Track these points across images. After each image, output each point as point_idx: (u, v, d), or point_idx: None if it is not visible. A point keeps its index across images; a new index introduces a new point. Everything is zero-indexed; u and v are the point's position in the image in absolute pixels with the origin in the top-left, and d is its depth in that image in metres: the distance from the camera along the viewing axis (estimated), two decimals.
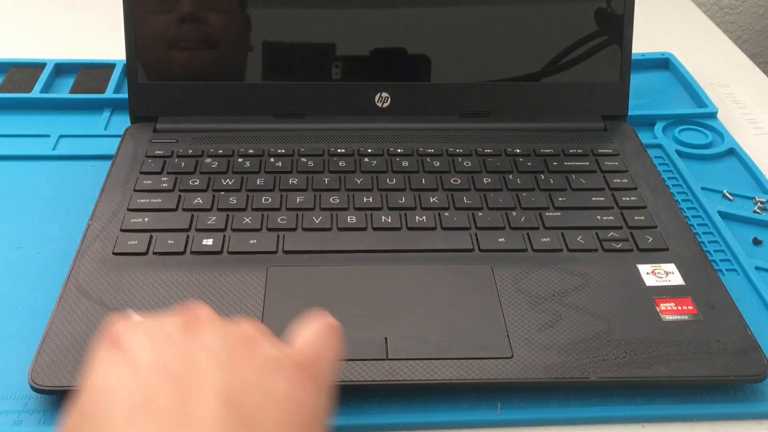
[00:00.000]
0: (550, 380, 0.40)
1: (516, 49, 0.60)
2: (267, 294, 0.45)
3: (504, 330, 0.43)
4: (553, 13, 0.59)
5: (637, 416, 0.41)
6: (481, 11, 0.59)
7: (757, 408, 0.41)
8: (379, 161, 0.56)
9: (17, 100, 0.65)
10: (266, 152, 0.56)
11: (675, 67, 0.73)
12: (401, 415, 0.40)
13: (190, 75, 0.59)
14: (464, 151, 0.57)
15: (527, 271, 0.47)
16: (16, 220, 0.53)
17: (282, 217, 0.50)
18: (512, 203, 0.52)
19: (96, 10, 0.83)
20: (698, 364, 0.41)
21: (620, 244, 0.49)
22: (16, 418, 0.39)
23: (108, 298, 0.44)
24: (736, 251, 0.51)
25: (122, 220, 0.50)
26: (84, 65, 0.70)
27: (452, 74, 0.60)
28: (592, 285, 0.46)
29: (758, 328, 0.44)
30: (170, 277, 0.45)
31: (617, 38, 0.60)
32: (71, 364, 0.40)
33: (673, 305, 0.45)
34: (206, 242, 0.48)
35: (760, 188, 0.58)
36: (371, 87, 0.59)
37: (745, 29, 1.18)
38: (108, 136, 0.61)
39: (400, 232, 0.50)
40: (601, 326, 0.43)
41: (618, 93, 0.61)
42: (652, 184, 0.55)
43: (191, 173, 0.54)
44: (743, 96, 0.71)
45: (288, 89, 0.59)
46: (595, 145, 0.58)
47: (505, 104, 0.60)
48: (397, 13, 0.59)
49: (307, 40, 0.59)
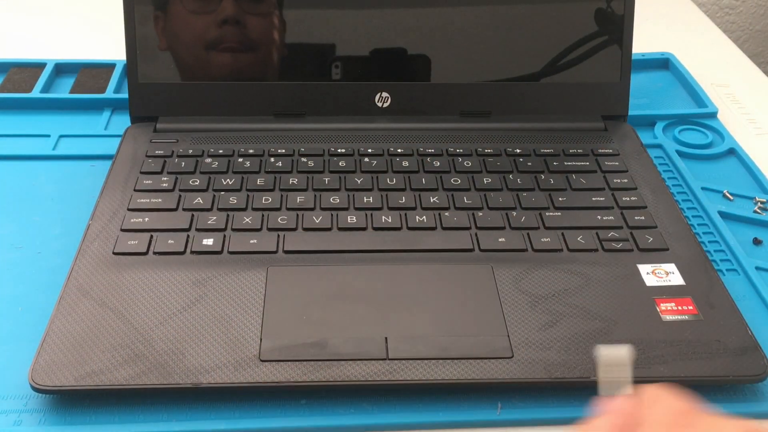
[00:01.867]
0: (550, 380, 0.40)
1: (516, 49, 0.60)
2: (267, 294, 0.45)
3: (504, 330, 0.43)
4: (553, 13, 0.59)
5: None
6: (481, 11, 0.59)
7: (757, 408, 0.41)
8: (380, 161, 0.56)
9: (17, 100, 0.65)
10: (266, 152, 0.56)
11: (675, 67, 0.73)
12: (401, 415, 0.40)
13: (191, 75, 0.59)
14: (464, 151, 0.57)
15: (527, 271, 0.47)
16: (16, 220, 0.53)
17: (282, 217, 0.50)
18: (512, 203, 0.52)
19: (96, 10, 0.83)
20: (698, 364, 0.41)
21: (620, 244, 0.49)
22: (17, 418, 0.39)
23: (108, 298, 0.44)
24: (736, 251, 0.51)
25: (122, 220, 0.50)
26: (84, 65, 0.70)
27: (452, 74, 0.60)
28: (593, 285, 0.46)
29: (758, 328, 0.44)
30: (170, 277, 0.45)
31: (617, 38, 0.60)
32: (71, 364, 0.40)
33: (673, 305, 0.45)
34: (206, 242, 0.48)
35: (760, 188, 0.58)
36: (371, 87, 0.59)
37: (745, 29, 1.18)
38: (108, 136, 0.61)
39: (401, 232, 0.50)
40: (602, 326, 0.43)
41: (618, 93, 0.61)
42: (652, 184, 0.55)
43: (191, 173, 0.54)
44: (743, 96, 0.71)
45: (288, 89, 0.59)
46: (596, 145, 0.58)
47: (505, 104, 0.60)
48: (397, 13, 0.59)
49: (307, 40, 0.59)
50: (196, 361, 0.40)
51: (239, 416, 0.40)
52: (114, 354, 0.41)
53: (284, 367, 0.40)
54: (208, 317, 0.43)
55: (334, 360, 0.40)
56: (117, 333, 0.42)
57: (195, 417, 0.40)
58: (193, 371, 0.40)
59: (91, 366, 0.40)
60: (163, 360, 0.40)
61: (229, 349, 0.41)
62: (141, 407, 0.40)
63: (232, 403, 0.40)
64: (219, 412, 0.40)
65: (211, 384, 0.39)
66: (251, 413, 0.40)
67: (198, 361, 0.40)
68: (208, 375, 0.40)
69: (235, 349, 0.41)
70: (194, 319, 0.43)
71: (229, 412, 0.40)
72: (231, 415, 0.40)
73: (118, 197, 0.52)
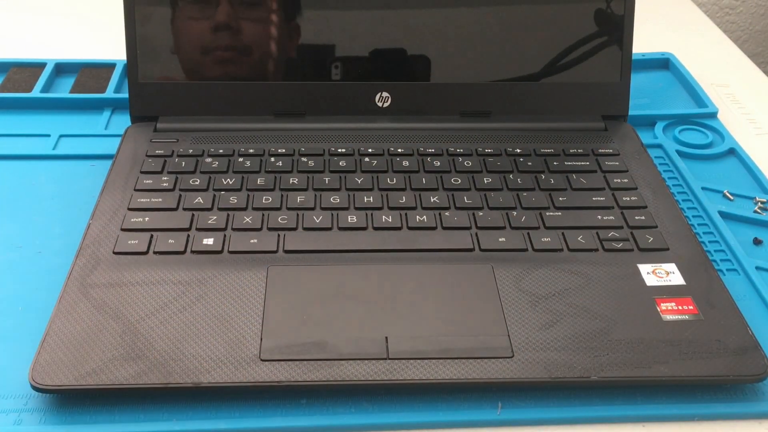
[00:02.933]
0: (550, 380, 0.40)
1: (516, 49, 0.60)
2: (267, 294, 0.45)
3: (504, 330, 0.43)
4: (553, 13, 0.59)
5: (637, 416, 0.41)
6: (481, 11, 0.59)
7: (757, 408, 0.41)
8: (380, 161, 0.56)
9: (17, 99, 0.65)
10: (266, 152, 0.57)
11: (675, 67, 0.73)
12: (401, 415, 0.40)
13: (191, 75, 0.59)
14: (464, 151, 0.57)
15: (528, 270, 0.47)
16: (16, 219, 0.53)
17: (282, 217, 0.50)
18: (513, 203, 0.52)
19: (96, 10, 0.83)
20: (698, 364, 0.41)
21: (621, 244, 0.49)
22: (17, 418, 0.39)
23: (108, 298, 0.44)
24: (736, 251, 0.51)
25: (123, 220, 0.50)
26: (84, 65, 0.70)
27: (452, 74, 0.60)
28: (593, 285, 0.46)
29: (758, 328, 0.44)
30: (171, 277, 0.45)
31: (617, 38, 0.60)
32: (72, 364, 0.40)
33: (673, 305, 0.45)
34: (207, 242, 0.48)
35: (760, 188, 0.58)
36: (372, 87, 0.59)
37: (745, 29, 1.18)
38: (108, 136, 0.61)
39: (401, 231, 0.50)
40: (602, 326, 0.43)
41: (618, 93, 0.61)
42: (652, 184, 0.55)
43: (192, 173, 0.54)
44: (743, 96, 0.71)
45: (288, 89, 0.59)
46: (596, 145, 0.58)
47: (506, 104, 0.60)
48: (397, 13, 0.59)
49: (308, 39, 0.59)
50: (196, 360, 0.40)
51: (239, 416, 0.40)
52: (114, 353, 0.41)
53: (284, 367, 0.40)
54: (209, 317, 0.43)
55: (335, 359, 0.40)
56: (117, 332, 0.42)
57: (195, 416, 0.40)
58: (194, 371, 0.40)
59: (91, 365, 0.40)
60: (164, 359, 0.40)
61: (229, 349, 0.41)
62: (141, 407, 0.40)
63: (232, 403, 0.40)
64: (219, 411, 0.40)
65: (211, 383, 0.39)
66: (251, 413, 0.40)
67: (198, 360, 0.40)
68: (208, 374, 0.40)
69: (235, 348, 0.41)
70: (194, 318, 0.43)
71: (229, 411, 0.40)
72: (231, 415, 0.40)
73: (119, 197, 0.52)
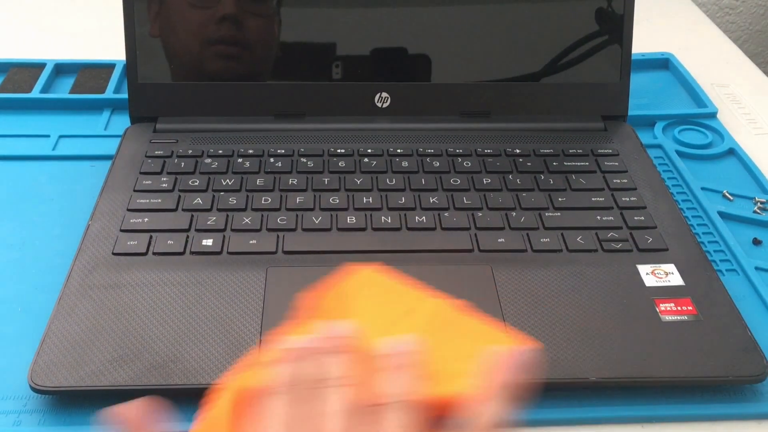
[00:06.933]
0: (549, 380, 0.40)
1: (516, 49, 0.60)
2: (267, 294, 0.45)
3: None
4: (553, 13, 0.59)
5: (637, 416, 0.41)
6: (481, 11, 0.59)
7: (757, 408, 0.41)
8: (379, 161, 0.56)
9: (17, 100, 0.65)
10: (266, 152, 0.56)
11: (675, 67, 0.73)
12: None
13: (190, 75, 0.59)
14: (464, 151, 0.57)
15: (527, 271, 0.47)
16: (16, 220, 0.53)
17: (282, 218, 0.50)
18: (512, 203, 0.52)
19: (96, 10, 0.83)
20: (697, 364, 0.41)
21: (620, 245, 0.49)
22: (16, 418, 0.39)
23: (108, 299, 0.44)
24: (736, 251, 0.51)
25: (122, 221, 0.50)
26: (84, 65, 0.70)
27: (452, 74, 0.60)
28: (592, 285, 0.46)
29: (758, 328, 0.44)
30: (170, 278, 0.45)
31: (617, 38, 0.60)
32: (71, 365, 0.40)
33: (672, 305, 0.45)
34: (206, 242, 0.48)
35: (760, 188, 0.58)
36: (371, 87, 0.59)
37: (745, 29, 1.18)
38: (108, 136, 0.61)
39: (400, 232, 0.50)
40: (601, 326, 0.43)
41: (618, 93, 0.61)
42: (652, 185, 0.55)
43: (191, 173, 0.54)
44: (743, 96, 0.71)
45: (288, 89, 0.59)
46: (595, 146, 0.58)
47: (505, 104, 0.60)
48: (397, 13, 0.59)
49: (307, 40, 0.59)
50: (195, 361, 0.40)
51: None
52: (114, 354, 0.41)
53: None
54: (208, 318, 0.43)
55: None
56: (116, 333, 0.42)
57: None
58: (193, 372, 0.40)
59: (90, 366, 0.40)
60: (163, 360, 0.40)
61: (228, 350, 0.41)
62: None
63: None
64: None
65: (210, 384, 0.39)
66: None
67: (197, 361, 0.40)
68: (208, 375, 0.40)
69: (234, 349, 0.41)
70: (194, 319, 0.43)
71: None
72: None
73: (118, 197, 0.52)
